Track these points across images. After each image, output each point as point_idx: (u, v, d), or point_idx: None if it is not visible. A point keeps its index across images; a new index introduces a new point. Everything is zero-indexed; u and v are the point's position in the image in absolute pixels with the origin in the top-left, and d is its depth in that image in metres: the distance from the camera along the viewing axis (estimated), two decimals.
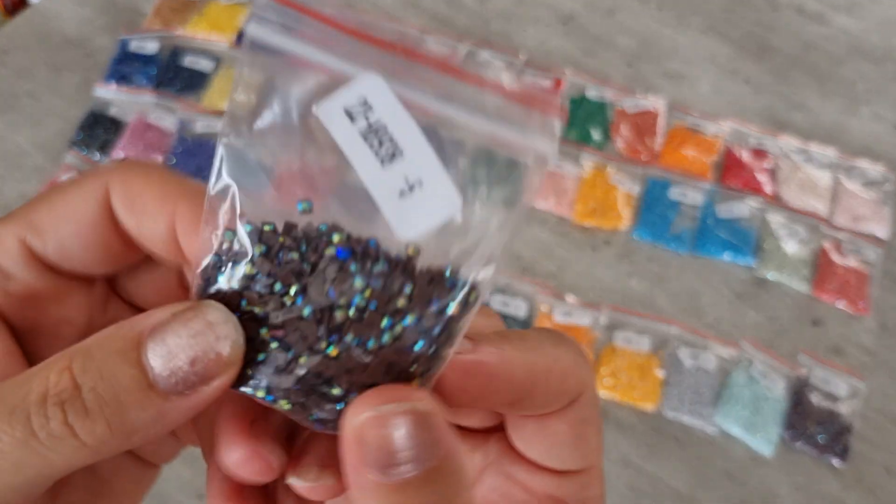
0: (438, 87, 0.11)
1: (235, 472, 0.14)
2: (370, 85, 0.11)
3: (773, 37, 0.73)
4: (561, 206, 0.60)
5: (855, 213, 0.61)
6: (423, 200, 0.11)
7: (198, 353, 0.12)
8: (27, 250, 0.14)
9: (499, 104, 0.11)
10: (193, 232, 0.14)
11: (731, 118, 0.66)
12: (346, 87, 0.11)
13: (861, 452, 0.51)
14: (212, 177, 0.13)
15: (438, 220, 0.12)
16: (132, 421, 0.12)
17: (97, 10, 0.70)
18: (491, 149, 0.12)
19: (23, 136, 0.62)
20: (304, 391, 0.13)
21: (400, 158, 0.11)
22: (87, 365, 0.12)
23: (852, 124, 0.67)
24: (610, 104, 0.65)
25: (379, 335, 0.12)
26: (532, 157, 0.12)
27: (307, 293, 0.12)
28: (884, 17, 0.76)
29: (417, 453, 0.12)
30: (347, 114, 0.11)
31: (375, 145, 0.11)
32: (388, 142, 0.11)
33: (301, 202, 0.12)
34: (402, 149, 0.11)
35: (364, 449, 0.12)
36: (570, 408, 0.15)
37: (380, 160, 0.11)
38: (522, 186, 0.12)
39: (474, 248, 0.12)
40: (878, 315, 0.57)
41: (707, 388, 0.52)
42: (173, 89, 0.64)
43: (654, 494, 0.49)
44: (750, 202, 0.60)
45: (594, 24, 0.73)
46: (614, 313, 0.55)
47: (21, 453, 0.12)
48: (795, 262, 0.58)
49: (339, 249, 0.12)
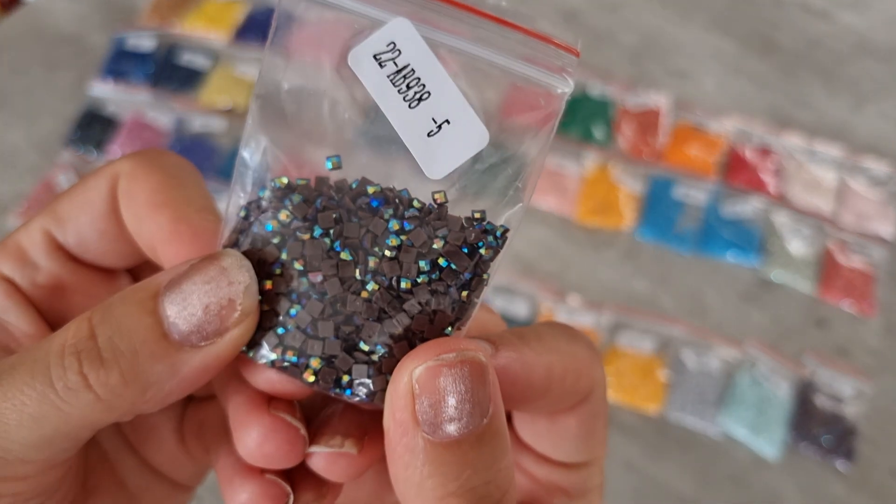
0: (467, 28, 0.12)
1: (258, 453, 0.13)
2: (398, 29, 0.12)
3: (778, 34, 0.73)
4: (563, 205, 0.59)
5: (860, 213, 0.60)
6: (451, 138, 0.12)
7: (212, 300, 0.12)
8: (51, 240, 0.15)
9: (521, 42, 0.12)
10: (169, 243, 0.14)
11: (735, 116, 0.65)
12: (376, 33, 0.12)
13: (867, 455, 0.51)
14: (243, 136, 0.13)
15: (466, 156, 0.12)
16: (146, 372, 0.12)
17: (92, 6, 0.69)
18: (516, 84, 0.12)
19: (17, 134, 0.61)
20: (339, 345, 0.13)
21: (427, 100, 0.12)
22: (106, 316, 0.12)
23: (858, 122, 0.67)
24: (613, 102, 0.65)
25: (415, 274, 0.13)
26: (552, 90, 0.12)
27: (344, 236, 0.13)
28: (890, 14, 0.75)
29: (472, 408, 0.11)
30: (376, 59, 0.12)
31: (404, 88, 0.12)
32: (415, 84, 0.12)
33: (329, 158, 0.13)
34: (430, 90, 0.12)
35: (418, 402, 0.11)
36: (582, 404, 0.14)
37: (407, 103, 0.12)
38: (545, 121, 0.12)
39: (504, 190, 0.12)
40: (883, 316, 0.56)
41: (711, 390, 0.52)
42: (170, 87, 0.63)
43: (659, 498, 0.49)
44: (754, 202, 0.59)
45: (597, 21, 0.72)
46: (617, 314, 0.54)
47: (39, 406, 0.12)
48: (800, 263, 0.57)
49: (373, 198, 0.13)
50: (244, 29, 0.67)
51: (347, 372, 0.13)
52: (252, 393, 0.14)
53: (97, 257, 0.15)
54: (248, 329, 0.12)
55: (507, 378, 0.13)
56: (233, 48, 0.66)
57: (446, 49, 0.12)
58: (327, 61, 0.12)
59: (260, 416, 0.13)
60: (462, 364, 0.11)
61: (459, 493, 0.11)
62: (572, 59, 0.12)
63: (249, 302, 0.12)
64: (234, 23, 0.67)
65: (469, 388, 0.11)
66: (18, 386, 0.12)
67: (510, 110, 0.12)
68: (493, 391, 0.12)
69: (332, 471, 0.14)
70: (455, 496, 0.11)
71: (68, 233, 0.15)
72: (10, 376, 0.12)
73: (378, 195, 0.13)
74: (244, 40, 0.66)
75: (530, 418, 0.15)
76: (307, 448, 0.14)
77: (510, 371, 0.13)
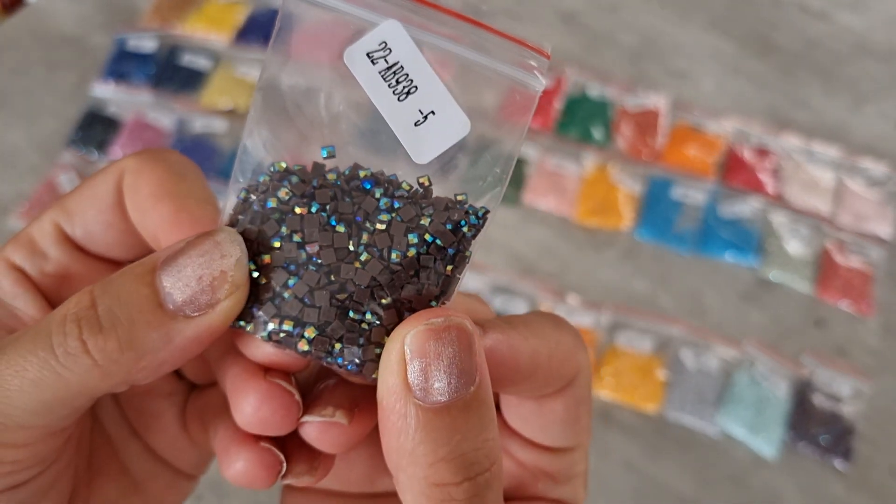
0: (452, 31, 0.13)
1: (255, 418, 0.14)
2: (389, 30, 0.13)
3: (777, 34, 0.73)
4: (562, 205, 0.60)
5: (858, 213, 0.61)
6: (436, 127, 0.13)
7: (205, 272, 0.13)
8: (60, 232, 0.15)
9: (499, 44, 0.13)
10: (170, 231, 0.15)
11: (733, 116, 0.65)
12: (369, 33, 0.13)
13: (865, 454, 0.51)
14: (245, 127, 0.14)
15: (450, 143, 0.13)
16: (142, 340, 0.13)
17: (94, 7, 0.70)
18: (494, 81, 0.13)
19: (18, 134, 0.62)
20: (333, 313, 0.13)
21: (415, 93, 0.13)
22: (106, 288, 0.13)
23: (856, 123, 0.67)
24: (611, 102, 0.65)
25: (405, 247, 0.14)
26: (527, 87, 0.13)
27: (339, 212, 0.14)
28: (888, 14, 0.75)
29: (460, 373, 0.12)
30: (369, 57, 0.13)
31: (393, 83, 0.13)
32: (404, 79, 0.13)
33: (325, 148, 0.14)
34: (417, 85, 0.13)
35: (409, 367, 0.12)
36: (567, 389, 0.15)
37: (397, 96, 0.13)
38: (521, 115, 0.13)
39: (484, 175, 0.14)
40: (881, 316, 0.57)
41: (710, 390, 0.52)
42: (171, 88, 0.63)
43: (658, 497, 0.49)
44: (753, 202, 0.60)
45: (596, 22, 0.72)
46: (616, 314, 0.54)
47: (40, 371, 0.12)
48: (798, 263, 0.58)
49: (365, 181, 0.14)
50: (245, 30, 0.67)
51: (340, 339, 0.13)
52: (249, 364, 0.14)
53: (103, 248, 0.16)
54: (239, 301, 0.13)
55: (494, 359, 0.13)
56: (234, 49, 0.66)
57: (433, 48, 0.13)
58: (325, 59, 0.13)
59: (257, 382, 0.14)
60: (449, 329, 0.12)
61: (449, 458, 0.12)
62: (544, 61, 0.13)
63: (240, 274, 0.13)
64: (235, 24, 0.68)
65: (457, 352, 0.12)
66: (21, 353, 0.13)
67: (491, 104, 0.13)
68: (479, 361, 0.12)
69: (323, 440, 0.14)
70: (445, 461, 0.12)
71: (76, 225, 0.15)
72: (13, 346, 0.13)
73: (369, 178, 0.14)
74: (245, 42, 0.67)
75: (517, 403, 0.15)
76: (301, 417, 0.14)
77: (497, 352, 0.13)
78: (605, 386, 0.52)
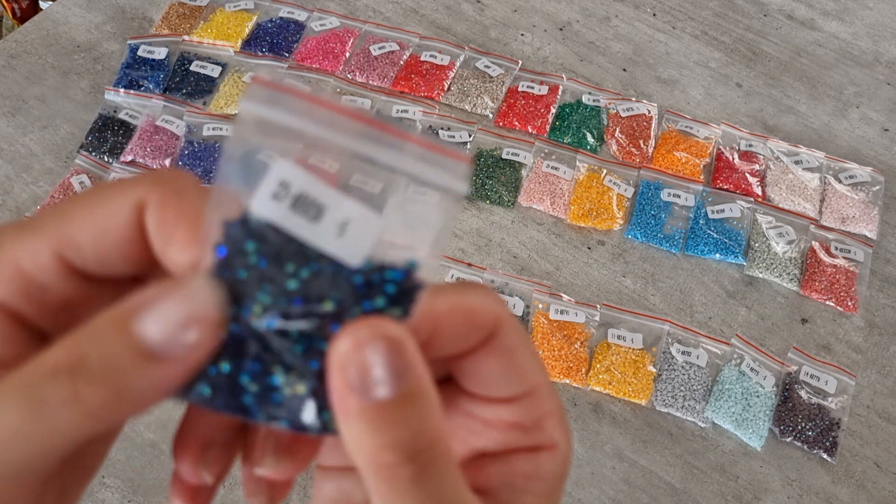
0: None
1: None
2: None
3: (764, 42, 0.75)
4: (556, 207, 0.61)
5: (843, 214, 0.62)
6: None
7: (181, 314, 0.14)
8: (64, 264, 0.15)
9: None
10: None
11: (722, 122, 0.67)
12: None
13: (851, 447, 0.52)
14: None
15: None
16: (128, 386, 0.13)
17: (107, 16, 0.72)
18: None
19: (32, 139, 0.63)
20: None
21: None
22: (91, 337, 0.14)
23: (841, 127, 0.69)
24: (604, 108, 0.67)
25: None
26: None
27: None
28: (872, 22, 0.78)
29: (392, 375, 0.13)
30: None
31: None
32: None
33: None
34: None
35: (345, 373, 0.13)
36: (492, 341, 0.16)
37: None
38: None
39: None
40: (866, 313, 0.58)
41: (698, 384, 0.53)
42: (181, 94, 0.65)
43: (648, 488, 0.50)
44: (740, 203, 0.61)
45: (590, 31, 0.74)
46: (608, 311, 0.56)
47: (30, 423, 0.13)
48: (784, 262, 0.59)
49: None
50: (252, 39, 0.70)
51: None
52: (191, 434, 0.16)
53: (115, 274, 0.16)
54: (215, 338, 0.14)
55: None
56: (241, 57, 0.68)
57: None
58: None
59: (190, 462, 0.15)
60: (377, 340, 0.14)
61: (390, 445, 0.13)
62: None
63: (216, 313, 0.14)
64: (243, 33, 0.70)
65: (386, 360, 0.13)
66: (8, 406, 0.13)
67: None
68: (411, 360, 0.14)
69: (277, 478, 0.16)
70: (386, 448, 0.13)
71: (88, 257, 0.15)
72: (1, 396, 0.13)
73: None
74: (252, 49, 0.69)
75: (458, 365, 0.16)
76: (255, 470, 0.16)
77: None
78: (598, 380, 0.53)
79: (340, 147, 0.15)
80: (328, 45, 0.69)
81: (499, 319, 0.16)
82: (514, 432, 0.17)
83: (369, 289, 0.14)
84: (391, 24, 0.73)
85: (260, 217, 0.14)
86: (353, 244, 0.14)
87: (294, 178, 0.14)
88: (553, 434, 0.17)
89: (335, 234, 0.14)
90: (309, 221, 0.14)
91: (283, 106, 0.14)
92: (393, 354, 0.14)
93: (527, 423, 0.17)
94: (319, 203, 0.14)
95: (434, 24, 0.73)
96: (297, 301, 0.14)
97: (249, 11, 0.72)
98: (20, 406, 0.13)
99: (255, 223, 0.14)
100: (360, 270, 0.14)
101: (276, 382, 0.14)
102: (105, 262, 0.15)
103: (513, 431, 0.17)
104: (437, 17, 0.74)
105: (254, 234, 0.14)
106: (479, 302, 0.16)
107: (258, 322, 0.14)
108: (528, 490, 0.16)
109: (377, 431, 0.13)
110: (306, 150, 0.15)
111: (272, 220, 0.14)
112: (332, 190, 0.14)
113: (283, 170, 0.14)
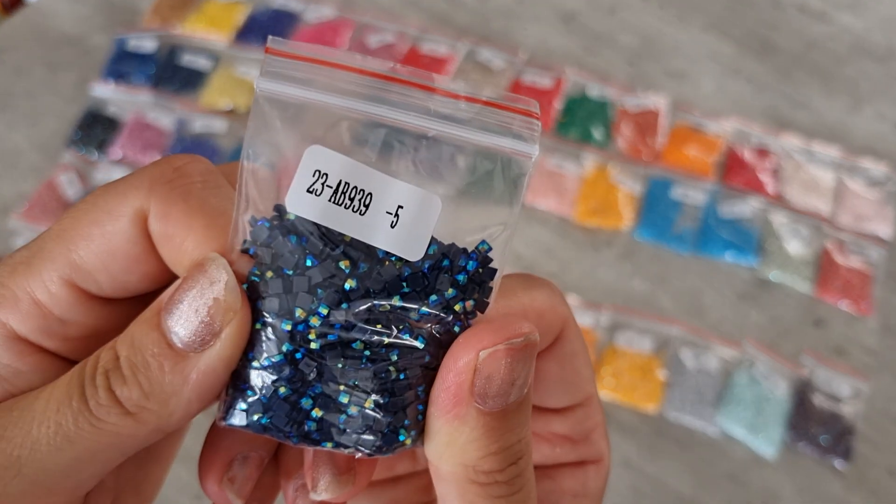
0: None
1: None
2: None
3: (776, 35, 0.73)
4: (562, 205, 0.60)
5: (858, 213, 0.61)
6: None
7: (200, 302, 0.13)
8: (79, 292, 0.14)
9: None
10: None
11: (733, 117, 0.66)
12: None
13: (864, 454, 0.51)
14: None
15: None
16: (160, 383, 0.13)
17: (94, 8, 0.70)
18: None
19: (19, 134, 0.62)
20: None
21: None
22: (125, 338, 0.13)
23: (855, 123, 0.67)
24: (611, 103, 0.65)
25: None
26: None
27: None
28: (887, 15, 0.76)
29: (522, 383, 0.13)
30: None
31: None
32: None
33: None
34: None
35: (478, 377, 0.12)
36: (556, 345, 0.15)
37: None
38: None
39: None
40: (881, 316, 0.57)
41: (709, 389, 0.52)
42: (171, 88, 0.63)
43: (657, 497, 0.49)
44: (752, 202, 0.60)
45: (596, 22, 0.72)
46: (616, 313, 0.55)
47: (75, 425, 0.12)
48: (798, 263, 0.58)
49: None
50: (245, 30, 0.67)
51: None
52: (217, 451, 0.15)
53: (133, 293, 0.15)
54: (240, 326, 0.13)
55: None
56: (234, 49, 0.66)
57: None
58: None
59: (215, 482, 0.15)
60: (526, 348, 0.12)
61: (498, 451, 0.13)
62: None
63: (232, 297, 0.13)
64: (235, 24, 0.68)
65: (528, 368, 0.13)
66: (52, 407, 0.13)
67: None
68: (533, 368, 0.13)
69: (338, 500, 0.14)
70: (494, 455, 0.13)
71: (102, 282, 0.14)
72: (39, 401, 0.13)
73: None
74: (245, 41, 0.67)
75: None
76: (311, 495, 0.14)
77: None
78: (605, 386, 0.52)
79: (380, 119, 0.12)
80: (323, 37, 0.67)
81: (566, 323, 0.15)
82: (565, 446, 0.16)
83: (438, 280, 0.13)
84: (389, 14, 0.71)
85: (296, 215, 0.12)
86: (411, 234, 0.12)
87: (331, 165, 0.12)
88: (601, 447, 0.16)
89: (387, 224, 0.12)
90: (354, 213, 0.12)
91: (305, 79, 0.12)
92: (531, 363, 0.13)
93: (577, 436, 0.16)
94: (364, 190, 0.12)
95: (434, 14, 0.71)
96: (351, 307, 0.12)
97: (242, 2, 0.69)
98: (64, 408, 0.13)
99: (290, 223, 0.12)
100: (425, 259, 0.13)
101: (341, 401, 0.13)
102: (122, 285, 0.14)
103: (563, 445, 0.16)
104: (437, 6, 0.72)
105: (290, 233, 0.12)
106: (548, 303, 0.15)
107: (312, 336, 0.13)
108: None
109: (489, 438, 0.13)
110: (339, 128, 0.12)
111: (311, 218, 0.12)
112: (377, 172, 0.12)
113: (317, 156, 0.12)
